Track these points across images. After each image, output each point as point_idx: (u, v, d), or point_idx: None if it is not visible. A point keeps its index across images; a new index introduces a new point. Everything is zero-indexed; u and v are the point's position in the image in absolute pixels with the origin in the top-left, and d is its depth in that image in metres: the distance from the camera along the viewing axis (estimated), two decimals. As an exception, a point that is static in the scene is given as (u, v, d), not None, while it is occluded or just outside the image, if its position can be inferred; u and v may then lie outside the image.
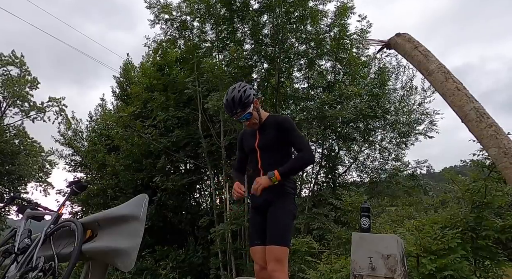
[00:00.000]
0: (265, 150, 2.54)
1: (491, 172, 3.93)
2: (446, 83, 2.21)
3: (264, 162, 2.52)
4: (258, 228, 2.47)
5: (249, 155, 2.68)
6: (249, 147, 2.64)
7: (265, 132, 2.57)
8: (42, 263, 2.60)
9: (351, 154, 11.51)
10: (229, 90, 2.52)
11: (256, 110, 2.55)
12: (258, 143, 2.57)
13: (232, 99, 2.46)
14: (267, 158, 2.53)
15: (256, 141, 2.58)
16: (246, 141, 2.67)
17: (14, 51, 21.02)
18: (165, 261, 10.88)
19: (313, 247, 6.16)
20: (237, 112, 2.48)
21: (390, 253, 2.99)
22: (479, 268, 3.85)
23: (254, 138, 2.60)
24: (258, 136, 2.59)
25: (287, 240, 2.31)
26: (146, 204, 2.78)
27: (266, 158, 2.53)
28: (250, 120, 2.53)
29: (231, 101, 2.47)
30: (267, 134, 2.55)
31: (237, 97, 2.45)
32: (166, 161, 12.19)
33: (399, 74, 11.16)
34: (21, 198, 4.14)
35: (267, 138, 2.55)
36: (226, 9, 10.44)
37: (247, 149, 2.66)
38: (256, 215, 2.51)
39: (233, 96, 2.46)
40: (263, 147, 2.55)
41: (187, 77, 10.65)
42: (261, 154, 2.54)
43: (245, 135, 2.72)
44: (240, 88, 2.48)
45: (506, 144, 1.89)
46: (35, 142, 22.25)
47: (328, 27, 10.50)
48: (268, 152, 2.53)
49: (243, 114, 2.48)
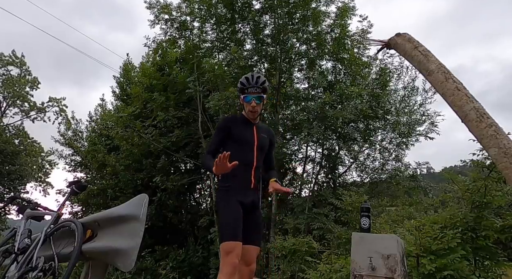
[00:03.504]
0: (261, 149, 2.57)
1: (491, 172, 3.93)
2: (446, 83, 2.22)
3: (258, 162, 2.55)
4: (239, 220, 2.36)
5: (239, 145, 2.51)
6: (245, 138, 2.54)
7: (261, 134, 2.60)
8: (42, 263, 2.60)
9: (351, 154, 11.50)
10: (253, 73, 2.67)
11: (263, 104, 2.58)
12: (258, 142, 2.56)
13: (258, 77, 2.54)
14: (260, 160, 2.57)
15: (254, 138, 2.55)
16: (238, 129, 2.55)
17: (14, 51, 21.06)
18: (165, 261, 10.89)
19: (313, 247, 6.16)
20: (258, 86, 2.50)
21: (390, 253, 2.99)
22: (479, 268, 3.84)
23: (251, 133, 2.56)
24: (255, 134, 2.57)
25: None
26: (146, 204, 2.78)
27: (259, 159, 2.56)
28: (256, 107, 2.51)
29: (257, 78, 2.54)
30: (264, 137, 2.60)
31: (262, 79, 2.54)
32: (166, 161, 12.19)
33: (401, 75, 11.15)
34: (21, 198, 4.14)
35: (264, 141, 2.60)
36: (228, 9, 10.44)
37: (241, 138, 2.53)
38: (240, 208, 2.39)
39: (259, 76, 2.55)
40: (260, 148, 2.57)
41: (187, 77, 10.66)
42: (257, 154, 2.54)
43: (237, 122, 2.59)
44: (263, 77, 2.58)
45: (506, 143, 1.89)
46: (35, 142, 22.27)
47: (329, 27, 10.51)
48: (261, 152, 2.59)
49: (259, 94, 2.52)
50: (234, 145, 2.51)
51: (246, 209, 2.42)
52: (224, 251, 2.24)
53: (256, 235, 2.50)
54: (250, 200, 2.45)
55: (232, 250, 2.21)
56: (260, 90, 2.53)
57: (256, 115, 2.58)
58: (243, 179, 2.46)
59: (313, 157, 11.16)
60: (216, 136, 2.61)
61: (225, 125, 2.59)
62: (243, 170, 2.43)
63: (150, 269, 10.77)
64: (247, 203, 2.43)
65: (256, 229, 2.51)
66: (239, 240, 2.27)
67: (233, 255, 2.20)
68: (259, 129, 2.61)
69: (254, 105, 2.52)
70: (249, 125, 2.59)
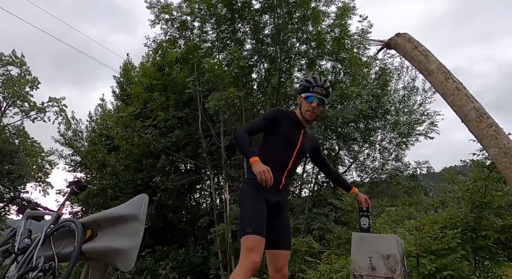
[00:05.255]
0: (301, 153, 2.48)
1: (492, 172, 3.93)
2: (446, 83, 2.22)
3: (294, 166, 2.46)
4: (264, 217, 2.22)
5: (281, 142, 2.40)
6: (290, 138, 2.42)
7: (306, 137, 2.51)
8: (42, 263, 2.60)
9: (351, 154, 11.50)
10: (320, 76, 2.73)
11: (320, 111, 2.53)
12: (301, 145, 2.45)
13: (325, 80, 2.52)
14: (296, 164, 2.49)
15: (299, 140, 2.44)
16: (287, 126, 2.43)
17: (14, 51, 21.05)
18: (165, 261, 10.89)
19: (313, 247, 6.16)
20: (324, 88, 2.46)
21: (390, 253, 2.99)
22: (479, 268, 3.84)
23: (297, 134, 2.46)
24: (302, 134, 2.47)
25: None
26: (146, 204, 2.78)
27: (296, 163, 2.47)
28: (316, 108, 2.44)
29: (324, 80, 2.51)
30: (307, 143, 2.53)
31: (328, 84, 2.52)
32: (166, 161, 12.19)
33: (401, 75, 11.16)
34: (21, 198, 4.14)
35: (306, 147, 2.52)
36: (227, 9, 10.44)
37: (286, 136, 2.41)
38: (265, 206, 2.26)
39: (325, 80, 2.54)
40: (300, 152, 2.46)
41: (187, 77, 10.66)
42: (296, 157, 2.43)
43: (288, 118, 2.48)
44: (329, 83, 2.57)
45: (506, 143, 1.89)
46: (35, 142, 22.27)
47: (329, 27, 10.52)
48: (300, 157, 2.51)
49: (322, 96, 2.46)
50: (276, 140, 2.41)
51: (270, 208, 2.29)
52: (246, 247, 2.06)
53: (284, 238, 2.36)
54: (275, 200, 2.32)
55: (254, 246, 2.05)
56: (325, 92, 2.47)
57: (313, 116, 2.47)
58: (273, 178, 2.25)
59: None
60: (261, 122, 2.48)
61: (275, 117, 2.45)
62: (276, 168, 2.30)
63: (150, 269, 10.77)
64: (272, 202, 2.30)
65: (284, 231, 2.37)
66: (263, 236, 2.10)
67: (255, 253, 2.04)
68: (305, 134, 2.52)
69: (315, 106, 2.43)
70: (298, 126, 2.48)
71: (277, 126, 2.41)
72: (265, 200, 2.26)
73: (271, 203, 2.29)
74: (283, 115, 2.48)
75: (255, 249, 2.04)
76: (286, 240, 2.36)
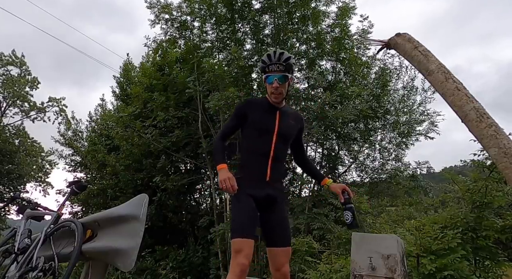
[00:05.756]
0: (283, 138, 2.24)
1: (492, 172, 3.93)
2: (446, 83, 2.21)
3: (277, 152, 2.21)
4: (254, 218, 2.11)
5: (256, 133, 2.24)
6: (264, 125, 2.22)
7: (286, 118, 2.26)
8: (42, 263, 2.60)
9: (351, 154, 11.51)
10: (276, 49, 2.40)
11: (288, 85, 2.26)
12: (280, 126, 2.22)
13: (281, 53, 2.24)
14: (280, 149, 2.24)
15: (276, 122, 2.22)
16: (257, 115, 2.24)
17: (14, 51, 21.06)
18: (165, 261, 10.88)
19: (313, 247, 6.16)
20: (280, 63, 2.19)
21: (390, 253, 2.99)
22: (479, 268, 3.84)
23: (272, 117, 2.23)
24: (278, 118, 2.24)
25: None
26: (146, 204, 2.78)
27: (279, 148, 2.22)
28: (280, 88, 2.19)
29: (279, 54, 2.23)
30: (289, 122, 2.27)
31: (286, 55, 2.24)
32: (166, 161, 12.18)
33: (400, 74, 11.17)
34: (21, 198, 4.13)
35: (289, 127, 2.27)
36: (227, 9, 10.44)
37: (259, 125, 2.23)
38: (252, 203, 2.12)
39: (282, 52, 2.25)
40: (283, 135, 2.23)
41: (187, 77, 10.66)
42: (277, 142, 2.21)
43: (256, 107, 2.28)
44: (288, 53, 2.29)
45: (506, 143, 1.88)
46: (35, 142, 22.27)
47: (329, 27, 10.52)
48: (284, 141, 2.26)
49: (282, 73, 2.20)
50: (251, 133, 2.25)
51: (260, 204, 2.16)
52: (233, 250, 2.04)
53: (281, 234, 2.18)
54: (264, 194, 2.16)
55: (240, 249, 1.99)
56: (283, 68, 2.20)
57: (279, 98, 2.23)
58: (257, 171, 2.18)
59: (313, 157, 11.17)
60: (231, 122, 2.35)
61: (243, 111, 2.28)
62: (258, 160, 2.18)
63: (150, 269, 10.77)
64: (260, 197, 2.15)
65: (280, 227, 2.19)
66: (249, 237, 2.02)
67: (241, 255, 1.97)
68: (284, 115, 2.27)
69: (277, 86, 2.18)
70: (271, 110, 2.25)
71: (248, 118, 2.24)
72: (252, 197, 2.13)
73: (260, 198, 2.15)
74: (251, 105, 2.32)
75: (240, 252, 1.98)
76: (283, 236, 2.18)
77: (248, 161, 2.17)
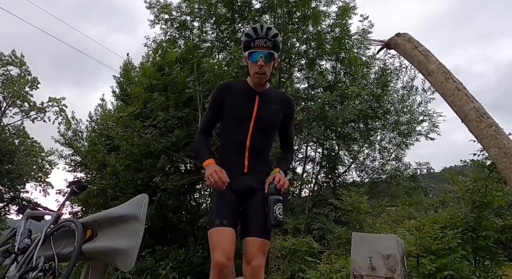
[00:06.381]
0: (262, 125, 2.02)
1: (492, 172, 3.93)
2: (446, 83, 2.21)
3: (255, 139, 1.99)
4: (231, 206, 1.93)
5: (233, 120, 2.02)
6: (240, 110, 2.00)
7: (267, 102, 2.03)
8: (42, 263, 2.60)
9: (351, 154, 11.51)
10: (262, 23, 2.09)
11: (273, 66, 2.03)
12: (258, 110, 2.00)
13: (269, 28, 2.01)
14: (259, 136, 2.01)
15: (254, 108, 1.99)
16: (234, 100, 2.01)
17: (14, 51, 21.06)
18: (165, 261, 10.87)
19: (313, 247, 6.17)
20: (267, 38, 1.96)
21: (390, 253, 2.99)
22: (479, 268, 3.85)
23: (251, 102, 2.00)
24: (257, 102, 2.01)
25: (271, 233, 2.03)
26: (146, 204, 2.78)
27: (258, 135, 2.00)
28: (264, 67, 1.95)
29: (267, 29, 2.00)
30: (270, 107, 2.04)
31: (274, 31, 2.01)
32: (166, 161, 12.18)
33: (400, 74, 11.16)
34: (21, 198, 4.14)
35: (270, 111, 2.04)
36: (227, 9, 10.44)
37: (235, 111, 2.01)
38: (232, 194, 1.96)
39: (270, 27, 2.02)
40: (261, 120, 2.00)
41: (187, 77, 10.66)
42: (254, 128, 1.99)
43: (233, 90, 2.05)
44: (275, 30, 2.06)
45: (506, 143, 1.88)
46: (35, 142, 22.27)
47: (329, 27, 10.52)
48: (264, 129, 2.03)
49: (269, 50, 1.96)
50: (228, 121, 2.04)
51: (241, 196, 1.98)
52: (210, 244, 1.88)
53: (253, 224, 1.93)
54: (243, 185, 1.97)
55: (215, 245, 1.82)
56: (271, 44, 1.97)
57: (263, 79, 1.99)
58: (234, 163, 1.99)
59: (313, 157, 11.17)
60: (209, 111, 2.10)
61: (219, 96, 2.05)
62: (235, 151, 2.00)
63: (150, 269, 10.76)
64: (239, 188, 1.97)
65: (253, 218, 1.93)
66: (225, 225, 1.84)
67: (217, 253, 1.79)
68: (266, 99, 2.03)
69: (262, 64, 1.94)
70: (250, 94, 2.02)
71: (225, 105, 2.02)
72: (232, 189, 1.94)
73: (239, 189, 1.96)
74: (227, 89, 2.06)
75: (216, 249, 1.82)
76: (254, 226, 1.92)
77: (226, 152, 2.00)
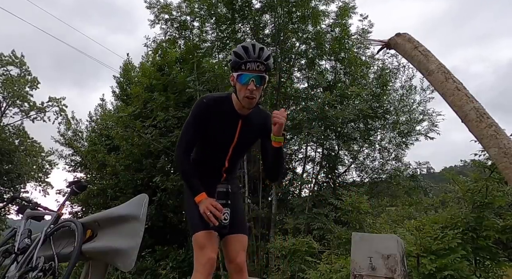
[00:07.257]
0: (241, 148, 2.01)
1: (492, 172, 3.93)
2: (446, 83, 2.21)
3: (232, 161, 2.02)
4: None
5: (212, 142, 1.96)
6: (222, 137, 1.93)
7: (249, 127, 1.95)
8: (42, 263, 2.60)
9: (351, 154, 11.50)
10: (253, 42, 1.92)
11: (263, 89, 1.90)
12: (240, 136, 1.93)
13: (261, 48, 1.83)
14: (236, 157, 2.04)
15: (236, 133, 1.92)
16: (217, 123, 1.90)
17: (14, 51, 21.07)
18: (165, 261, 10.87)
19: (313, 247, 6.17)
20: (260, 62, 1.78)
21: (390, 253, 2.99)
22: (479, 268, 3.85)
23: (233, 127, 1.92)
24: (240, 126, 1.92)
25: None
26: (146, 204, 2.78)
27: (235, 156, 2.02)
28: (255, 91, 1.79)
29: (260, 49, 1.81)
30: (251, 130, 1.97)
31: (267, 52, 1.84)
32: (166, 161, 12.18)
33: (398, 74, 11.16)
34: (21, 197, 4.14)
35: (250, 135, 1.99)
36: (227, 9, 10.44)
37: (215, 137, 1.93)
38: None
39: (262, 47, 1.84)
40: (241, 144, 1.98)
41: (187, 77, 10.66)
42: (233, 152, 1.99)
43: (217, 112, 1.89)
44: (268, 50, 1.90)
45: (506, 143, 1.88)
46: (35, 142, 22.27)
47: (329, 27, 10.52)
48: (242, 150, 2.05)
49: (260, 73, 1.80)
50: (207, 143, 1.97)
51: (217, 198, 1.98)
52: (196, 246, 1.87)
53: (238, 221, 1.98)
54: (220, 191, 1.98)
55: (205, 244, 1.83)
56: (263, 67, 1.80)
57: (253, 104, 1.83)
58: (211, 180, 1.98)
59: (313, 157, 11.17)
60: (192, 131, 1.93)
61: (201, 118, 1.90)
62: (210, 172, 2.02)
63: (150, 269, 10.76)
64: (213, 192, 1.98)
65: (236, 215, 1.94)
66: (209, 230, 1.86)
67: (207, 250, 1.82)
68: (248, 122, 1.94)
69: (253, 88, 1.77)
70: (233, 118, 1.91)
71: (206, 125, 1.90)
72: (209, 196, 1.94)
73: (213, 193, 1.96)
74: (211, 111, 1.89)
75: (206, 247, 1.83)
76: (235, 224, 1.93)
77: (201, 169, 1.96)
